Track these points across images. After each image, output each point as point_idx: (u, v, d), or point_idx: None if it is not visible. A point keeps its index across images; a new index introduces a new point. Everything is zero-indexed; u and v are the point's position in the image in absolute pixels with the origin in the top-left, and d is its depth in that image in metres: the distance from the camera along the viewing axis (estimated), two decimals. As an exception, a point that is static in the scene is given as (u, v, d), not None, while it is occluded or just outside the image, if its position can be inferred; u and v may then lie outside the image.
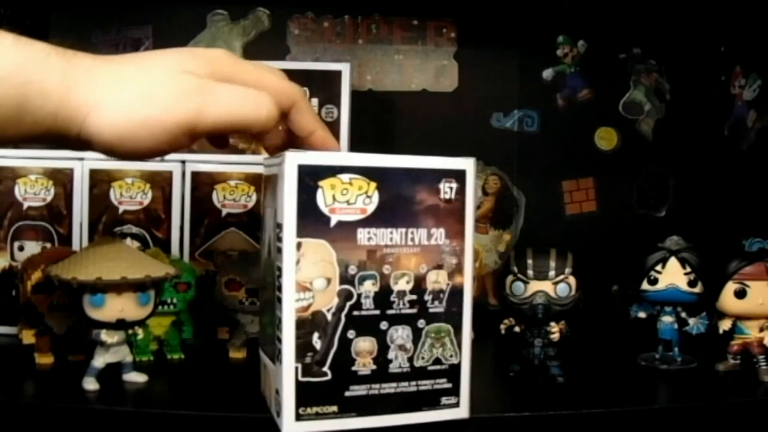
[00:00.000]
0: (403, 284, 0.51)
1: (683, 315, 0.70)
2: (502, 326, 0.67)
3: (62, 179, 0.78)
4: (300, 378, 0.49)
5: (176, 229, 0.80)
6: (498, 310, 0.70)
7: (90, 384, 0.59)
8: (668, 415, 0.60)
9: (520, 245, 0.97)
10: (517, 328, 0.67)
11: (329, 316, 0.49)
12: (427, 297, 0.51)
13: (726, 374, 0.68)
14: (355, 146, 0.87)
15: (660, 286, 0.69)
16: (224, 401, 0.57)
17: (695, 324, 0.70)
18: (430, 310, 0.52)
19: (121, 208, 0.79)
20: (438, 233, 0.51)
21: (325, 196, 0.48)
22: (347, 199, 0.49)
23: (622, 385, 0.66)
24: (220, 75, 0.44)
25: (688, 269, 0.68)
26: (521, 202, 1.01)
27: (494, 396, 0.64)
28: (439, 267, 0.51)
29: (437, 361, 0.52)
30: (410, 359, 0.51)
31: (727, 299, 0.67)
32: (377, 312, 0.50)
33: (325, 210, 0.48)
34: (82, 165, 0.79)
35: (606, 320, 0.82)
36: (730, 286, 0.66)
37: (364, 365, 0.50)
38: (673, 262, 0.69)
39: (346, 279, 0.49)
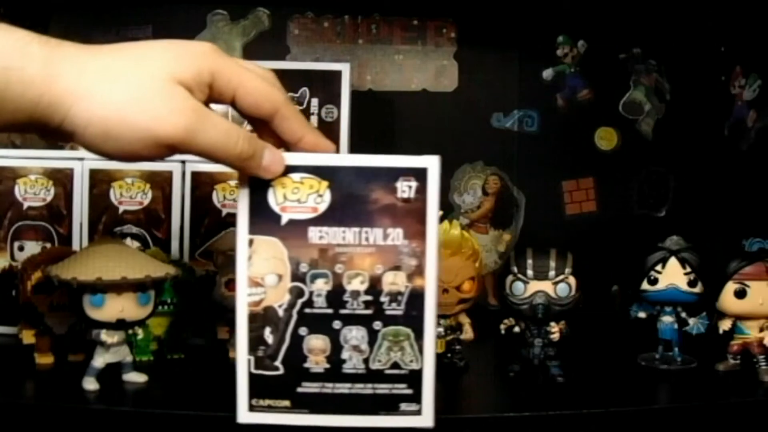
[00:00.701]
0: (357, 284, 0.49)
1: (683, 315, 0.70)
2: (502, 326, 0.67)
3: (62, 179, 0.78)
4: (252, 370, 0.49)
5: (176, 229, 0.80)
6: (498, 310, 0.70)
7: (90, 384, 0.59)
8: (668, 415, 0.60)
9: (520, 245, 0.97)
10: (517, 328, 0.66)
11: (281, 312, 0.49)
12: (384, 299, 0.50)
13: (726, 374, 0.68)
14: (355, 146, 0.87)
15: (660, 286, 0.69)
16: (224, 401, 0.57)
17: (695, 324, 0.70)
18: (387, 313, 0.50)
19: (121, 208, 0.79)
20: (395, 233, 0.49)
21: (276, 194, 0.49)
22: (298, 198, 0.49)
23: (622, 385, 0.66)
24: (205, 74, 0.44)
25: (688, 269, 0.68)
26: (521, 202, 1.01)
27: (494, 396, 0.64)
28: (397, 268, 0.49)
29: (395, 366, 0.50)
30: (365, 361, 0.50)
31: (727, 299, 0.67)
32: (330, 311, 0.50)
33: (276, 208, 0.49)
34: (82, 165, 0.79)
35: (606, 320, 0.82)
36: (730, 286, 0.66)
37: (316, 363, 0.50)
38: (673, 262, 0.69)
39: (297, 276, 0.49)
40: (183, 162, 0.79)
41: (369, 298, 0.50)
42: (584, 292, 0.65)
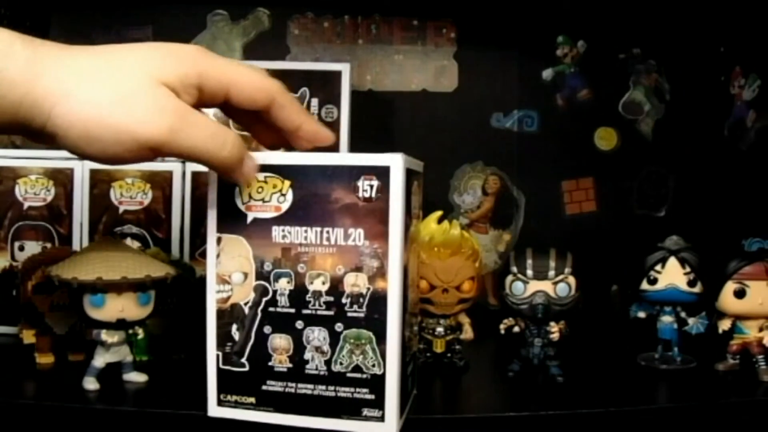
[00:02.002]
0: (318, 284, 0.49)
1: (683, 315, 0.70)
2: (502, 326, 0.67)
3: (62, 179, 0.79)
4: (221, 366, 0.51)
5: (176, 229, 0.80)
6: (498, 310, 0.70)
7: (90, 384, 0.59)
8: (668, 415, 0.60)
9: (520, 245, 0.97)
10: (516, 328, 0.66)
11: (246, 310, 0.51)
12: (345, 300, 0.49)
13: (726, 374, 0.68)
14: (355, 146, 0.87)
15: (660, 286, 0.69)
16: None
17: (695, 324, 0.70)
18: (349, 314, 0.49)
19: (122, 208, 0.79)
20: (356, 234, 0.48)
21: (242, 194, 0.50)
22: (262, 197, 0.49)
23: (622, 385, 0.66)
24: (192, 76, 0.43)
25: (688, 269, 0.68)
26: (521, 202, 1.01)
27: (494, 396, 0.64)
28: (358, 269, 0.49)
29: (357, 369, 0.49)
30: (327, 362, 0.50)
31: (727, 299, 0.67)
32: (292, 310, 0.50)
33: (241, 207, 0.50)
34: (82, 165, 0.79)
35: (606, 320, 0.82)
36: (730, 286, 0.66)
37: (280, 362, 0.50)
38: (672, 262, 0.69)
39: (261, 275, 0.50)
40: (183, 162, 0.79)
41: (330, 299, 0.49)
42: (584, 292, 0.65)
